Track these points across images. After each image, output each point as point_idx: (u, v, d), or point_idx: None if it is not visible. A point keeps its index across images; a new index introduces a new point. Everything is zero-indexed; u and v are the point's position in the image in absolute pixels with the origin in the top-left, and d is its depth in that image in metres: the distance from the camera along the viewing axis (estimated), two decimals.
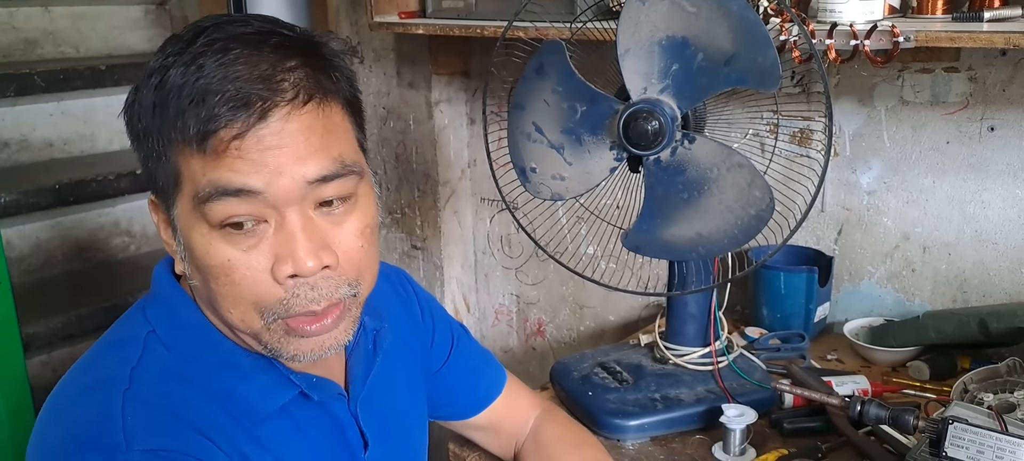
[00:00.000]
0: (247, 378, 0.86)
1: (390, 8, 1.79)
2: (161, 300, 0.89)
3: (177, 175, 0.78)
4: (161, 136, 0.78)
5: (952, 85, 1.50)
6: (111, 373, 0.82)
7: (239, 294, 0.80)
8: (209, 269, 0.79)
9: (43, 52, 2.46)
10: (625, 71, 1.24)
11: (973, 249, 1.54)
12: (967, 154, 1.51)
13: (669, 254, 1.33)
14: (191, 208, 0.78)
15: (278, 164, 0.76)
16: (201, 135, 0.74)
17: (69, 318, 1.99)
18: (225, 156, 0.75)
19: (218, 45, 0.76)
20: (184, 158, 0.77)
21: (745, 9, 1.18)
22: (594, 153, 1.29)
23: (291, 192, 0.77)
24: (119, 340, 0.87)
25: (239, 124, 0.75)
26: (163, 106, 0.76)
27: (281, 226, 0.78)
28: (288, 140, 0.76)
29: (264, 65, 0.76)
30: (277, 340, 0.82)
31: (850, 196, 1.64)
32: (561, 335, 2.15)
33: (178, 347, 0.85)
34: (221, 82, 0.74)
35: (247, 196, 0.76)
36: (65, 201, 2.11)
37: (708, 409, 1.32)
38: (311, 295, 0.80)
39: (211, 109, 0.74)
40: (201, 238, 0.79)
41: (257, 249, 0.78)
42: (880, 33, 1.26)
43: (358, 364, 0.98)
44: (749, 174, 1.23)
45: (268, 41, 0.77)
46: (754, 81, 1.20)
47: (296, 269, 0.78)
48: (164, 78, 0.76)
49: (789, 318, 1.60)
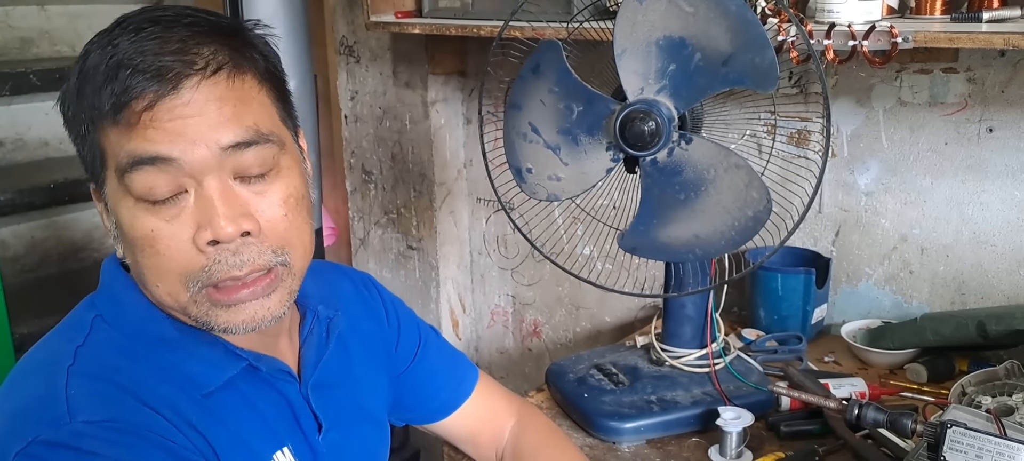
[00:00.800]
0: (192, 353, 0.87)
1: (386, 7, 1.79)
2: (107, 287, 0.91)
3: (101, 153, 0.81)
4: (84, 117, 0.81)
5: (950, 86, 1.49)
6: (56, 352, 0.84)
7: (163, 265, 0.81)
8: (134, 241, 0.82)
9: (39, 51, 2.45)
10: (622, 71, 1.23)
11: (971, 251, 1.53)
12: (965, 155, 1.50)
13: (666, 255, 1.32)
14: (117, 183, 0.81)
15: (193, 132, 0.79)
16: (115, 107, 0.77)
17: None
18: (139, 126, 0.78)
19: (132, 26, 0.79)
20: (104, 134, 0.80)
21: (743, 9, 1.18)
22: (590, 154, 1.29)
23: (206, 160, 0.79)
24: (66, 325, 0.90)
25: (151, 94, 0.77)
26: (82, 87, 0.80)
27: (200, 194, 0.80)
28: (199, 109, 0.79)
29: (175, 41, 0.79)
30: (205, 312, 0.83)
31: (848, 197, 1.63)
32: (557, 336, 2.14)
33: (122, 326, 0.87)
34: (132, 56, 0.77)
35: (163, 164, 0.78)
36: (60, 201, 2.10)
37: (704, 411, 1.31)
38: (233, 261, 0.81)
39: (123, 82, 0.77)
40: (126, 212, 0.81)
41: (179, 219, 0.80)
42: (878, 34, 1.26)
43: (310, 350, 1.00)
44: (746, 175, 1.22)
45: (181, 21, 0.80)
46: (752, 81, 1.19)
47: (215, 234, 0.80)
48: (85, 63, 0.80)
49: (786, 320, 1.59)
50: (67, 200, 2.12)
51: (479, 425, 1.22)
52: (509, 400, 1.25)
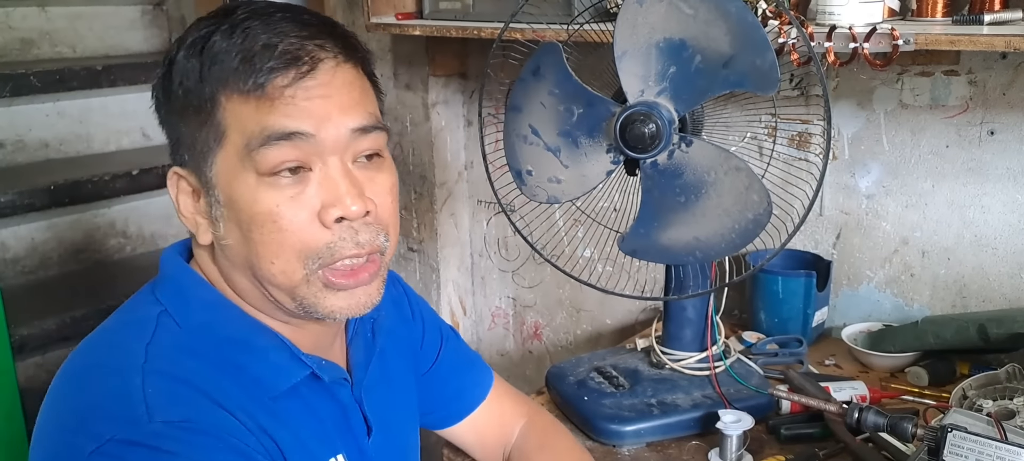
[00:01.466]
0: (260, 356, 0.88)
1: (387, 9, 1.79)
2: (171, 280, 0.90)
3: (223, 129, 0.82)
4: (208, 94, 0.82)
5: (952, 88, 1.49)
6: (126, 350, 0.84)
7: (284, 241, 0.83)
8: (254, 217, 0.82)
9: (39, 52, 2.45)
10: (622, 73, 1.23)
11: (972, 254, 1.53)
12: (967, 158, 1.50)
13: (666, 258, 1.32)
14: (238, 159, 0.82)
15: (326, 112, 0.82)
16: (257, 85, 0.80)
17: (64, 320, 1.98)
18: (279, 102, 0.81)
19: (260, 10, 0.83)
20: (233, 109, 0.82)
21: (743, 11, 1.17)
22: (591, 156, 1.28)
23: (337, 139, 0.83)
24: (130, 320, 0.89)
25: (293, 72, 0.81)
26: (211, 65, 0.82)
27: (325, 174, 0.83)
28: (334, 91, 0.83)
29: (307, 27, 0.84)
30: (314, 294, 0.85)
31: (849, 200, 1.63)
32: (558, 338, 2.14)
33: (190, 324, 0.87)
34: (270, 38, 0.81)
35: (298, 140, 0.81)
36: (61, 202, 2.10)
37: (705, 415, 1.31)
38: (356, 238, 0.84)
39: (265, 61, 0.81)
40: (247, 188, 0.82)
41: (303, 195, 0.82)
42: (879, 36, 1.25)
43: (359, 351, 1.01)
44: (747, 178, 1.22)
45: (301, 17, 0.85)
46: (752, 84, 1.19)
47: (343, 212, 0.83)
48: (207, 44, 0.82)
49: (787, 323, 1.59)
50: (67, 202, 2.11)
51: (490, 428, 1.22)
52: (517, 401, 1.25)
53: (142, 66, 2.41)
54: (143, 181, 2.23)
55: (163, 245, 2.42)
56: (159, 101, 0.88)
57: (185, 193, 0.87)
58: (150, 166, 2.24)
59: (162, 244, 2.41)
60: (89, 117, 2.39)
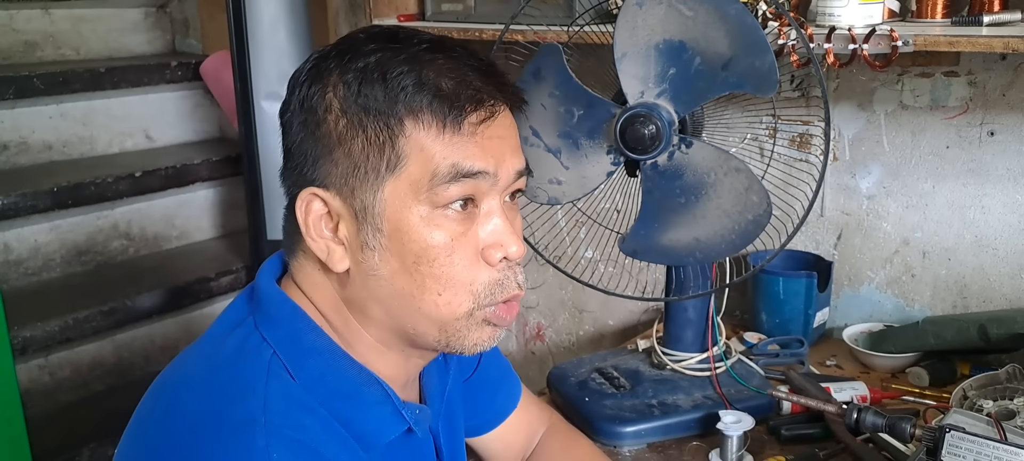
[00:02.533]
0: (366, 409, 0.86)
1: (389, 11, 1.79)
2: (281, 320, 0.86)
3: (402, 157, 0.82)
4: (395, 120, 0.81)
5: (952, 89, 1.49)
6: (243, 400, 0.80)
7: (454, 275, 0.83)
8: (427, 251, 0.82)
9: (43, 54, 2.46)
10: (622, 75, 1.23)
11: (973, 254, 1.53)
12: (967, 159, 1.50)
13: (667, 259, 1.32)
14: (411, 189, 0.82)
15: (502, 152, 0.85)
16: (455, 121, 0.82)
17: (66, 321, 1.99)
18: (468, 140, 0.82)
19: (438, 44, 0.85)
20: (419, 140, 0.81)
21: (743, 13, 1.18)
22: (591, 157, 1.29)
23: (507, 179, 0.86)
24: (238, 361, 0.84)
25: (484, 112, 0.83)
26: (400, 92, 0.81)
27: (489, 213, 0.85)
28: (508, 133, 0.87)
29: (483, 75, 0.85)
30: (470, 327, 0.86)
31: (849, 201, 1.63)
32: (560, 339, 2.14)
33: (303, 376, 0.83)
34: (461, 75, 0.83)
35: (480, 178, 0.83)
36: (63, 204, 2.11)
37: (705, 415, 1.31)
38: (517, 279, 0.87)
39: (461, 99, 0.82)
40: (419, 220, 0.82)
41: (470, 231, 0.84)
42: (879, 37, 1.26)
43: (432, 378, 0.99)
44: (746, 179, 1.22)
45: (474, 59, 0.86)
46: (752, 85, 1.19)
47: (507, 252, 0.85)
48: (389, 71, 0.81)
49: (788, 323, 1.59)
50: (70, 204, 2.12)
51: (517, 437, 1.20)
52: (541, 409, 1.24)
53: (145, 68, 2.42)
54: (146, 183, 2.24)
55: (166, 247, 2.44)
56: (311, 115, 0.84)
57: (317, 215, 0.84)
58: (153, 168, 2.25)
59: (165, 246, 2.42)
60: (92, 119, 2.40)
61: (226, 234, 2.54)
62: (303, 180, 0.85)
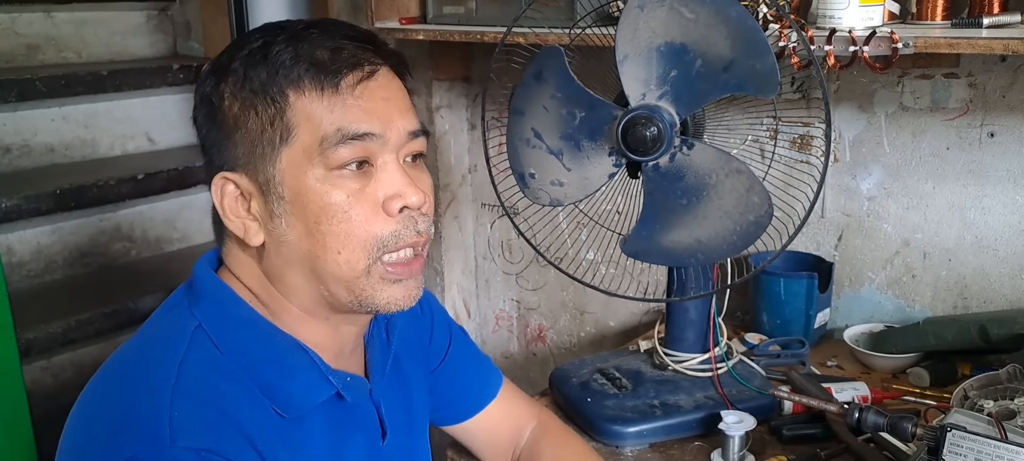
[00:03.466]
0: (291, 375, 0.91)
1: (391, 13, 1.80)
2: (208, 295, 0.92)
3: (291, 126, 0.87)
4: (277, 93, 0.87)
5: (952, 91, 1.49)
6: (158, 367, 0.86)
7: (353, 231, 0.88)
8: (324, 209, 0.87)
9: (45, 57, 2.46)
10: (624, 77, 1.24)
11: (973, 255, 1.54)
12: (967, 160, 1.51)
13: (668, 260, 1.33)
14: (305, 156, 0.87)
15: (389, 113, 0.89)
16: (332, 83, 0.87)
17: (69, 323, 1.99)
18: (349, 101, 0.87)
19: (316, 23, 0.91)
20: (304, 107, 0.87)
21: (744, 16, 1.18)
22: (593, 159, 1.29)
23: (398, 140, 0.90)
24: (164, 335, 0.91)
25: (360, 74, 0.88)
26: (279, 67, 0.87)
27: (385, 169, 0.89)
28: (392, 95, 0.91)
29: (360, 41, 0.90)
30: (373, 286, 0.90)
31: (850, 202, 1.64)
32: (562, 341, 2.15)
33: (225, 342, 0.89)
34: (336, 44, 0.88)
35: (368, 140, 0.88)
36: (66, 206, 2.11)
37: (707, 415, 1.32)
38: (417, 227, 0.91)
39: (336, 63, 0.87)
40: (316, 182, 0.87)
41: (368, 189, 0.89)
42: (879, 39, 1.26)
43: (375, 352, 1.04)
44: (748, 180, 1.22)
45: (352, 30, 0.92)
46: (752, 87, 1.20)
47: (407, 201, 0.89)
48: (270, 52, 0.87)
49: (789, 324, 1.59)
50: (73, 206, 2.12)
51: (500, 428, 1.23)
52: (529, 404, 1.27)
53: (147, 71, 2.43)
54: (148, 185, 2.24)
55: (168, 249, 2.44)
56: (210, 107, 0.91)
57: (231, 197, 0.91)
58: (155, 170, 2.25)
59: (167, 248, 2.42)
60: (94, 122, 2.40)
61: None
62: (213, 168, 0.92)
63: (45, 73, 2.21)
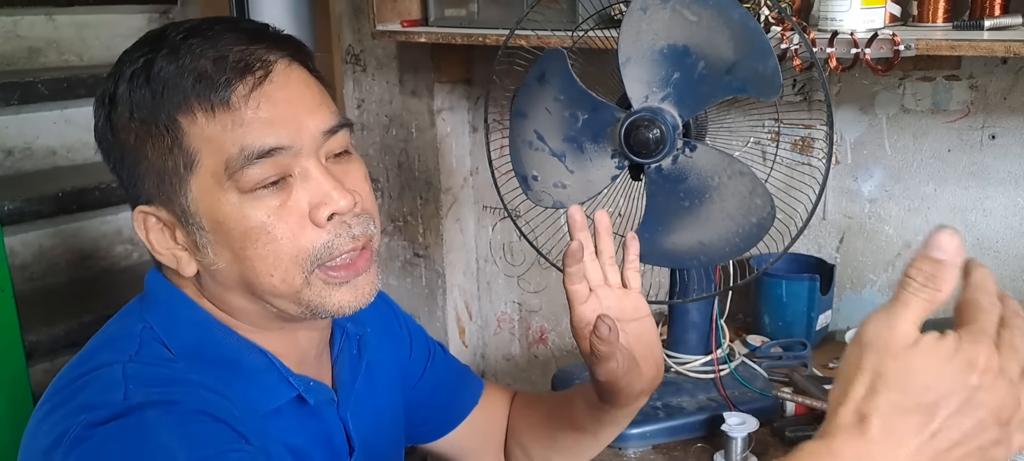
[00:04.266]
0: (247, 377, 0.87)
1: (393, 16, 1.80)
2: (157, 300, 0.89)
3: (192, 153, 0.80)
4: (166, 120, 0.79)
5: (953, 93, 1.50)
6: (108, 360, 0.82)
7: (281, 250, 0.82)
8: (247, 234, 0.81)
9: (47, 60, 2.47)
10: (626, 79, 1.24)
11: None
12: (968, 162, 1.51)
13: (671, 262, 1.33)
14: (215, 181, 0.80)
15: (294, 117, 0.81)
16: (221, 100, 0.79)
17: (71, 326, 2.00)
18: (247, 114, 0.79)
19: (195, 28, 0.81)
20: (199, 131, 0.80)
21: (746, 18, 1.19)
22: (596, 161, 1.30)
23: (311, 143, 0.82)
24: (113, 337, 0.87)
25: (251, 80, 0.80)
26: (164, 90, 0.79)
27: (306, 177, 0.82)
28: (295, 94, 0.82)
29: (246, 38, 0.82)
30: (318, 293, 0.85)
31: (852, 204, 1.64)
32: (564, 343, 2.15)
33: (177, 344, 0.85)
34: (218, 51, 0.80)
35: (277, 154, 0.80)
36: (68, 209, 2.11)
37: (710, 417, 1.32)
38: (351, 232, 0.84)
39: (220, 75, 0.79)
40: (232, 207, 0.81)
41: (289, 202, 0.82)
42: (881, 41, 1.26)
43: (344, 368, 0.99)
44: (750, 182, 1.23)
45: (237, 26, 0.84)
46: (755, 89, 1.20)
47: (334, 208, 0.82)
48: (152, 71, 0.79)
49: (791, 326, 1.60)
50: (74, 209, 2.13)
51: (484, 432, 1.22)
52: (506, 392, 1.25)
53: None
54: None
55: None
56: (108, 142, 0.84)
57: (156, 230, 0.85)
58: None
59: None
60: None
61: None
62: (132, 201, 0.86)
63: (47, 76, 2.22)
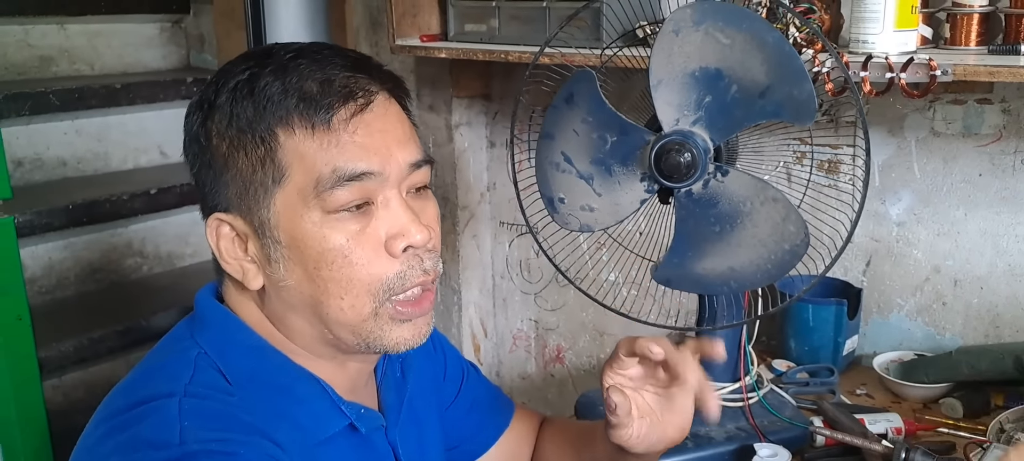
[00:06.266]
0: (301, 404, 0.87)
1: (412, 31, 1.78)
2: (211, 323, 0.89)
3: (283, 168, 0.82)
4: (265, 132, 0.82)
5: (985, 117, 1.47)
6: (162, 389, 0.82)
7: (355, 276, 0.83)
8: (323, 255, 0.83)
9: (58, 69, 2.45)
10: (657, 102, 1.21)
11: (1006, 283, 1.51)
12: (1000, 186, 1.48)
13: (700, 288, 1.30)
14: (300, 198, 0.82)
15: (386, 147, 0.84)
16: (323, 120, 0.81)
17: (81, 341, 1.97)
18: (343, 137, 0.82)
19: (304, 49, 0.85)
20: (295, 147, 0.82)
21: (780, 41, 1.16)
22: (624, 184, 1.27)
23: (399, 174, 0.85)
24: (166, 363, 0.87)
25: (353, 107, 0.82)
26: (267, 104, 0.82)
27: (387, 206, 0.84)
28: (390, 126, 0.85)
29: (352, 67, 0.85)
30: (381, 327, 0.86)
31: (879, 227, 1.61)
32: (581, 362, 2.12)
33: (232, 370, 0.86)
34: (325, 74, 0.83)
35: (366, 179, 0.82)
36: (78, 221, 2.09)
37: (740, 447, 1.29)
38: (423, 266, 0.86)
39: (325, 97, 0.81)
40: (313, 226, 0.82)
41: (369, 229, 0.84)
42: (917, 66, 1.24)
43: (390, 391, 1.00)
44: (784, 208, 1.20)
45: (343, 53, 0.86)
46: (789, 114, 1.18)
47: (410, 240, 0.84)
48: (258, 85, 0.82)
49: (817, 351, 1.57)
50: (85, 221, 2.10)
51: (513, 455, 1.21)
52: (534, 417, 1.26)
53: (160, 84, 2.41)
54: (161, 200, 2.23)
55: (180, 265, 2.42)
56: (198, 146, 0.86)
57: (227, 239, 0.87)
58: (168, 185, 2.24)
59: (179, 264, 2.40)
60: (107, 135, 2.39)
61: None
62: (207, 208, 0.88)
63: (58, 86, 2.20)
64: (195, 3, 2.66)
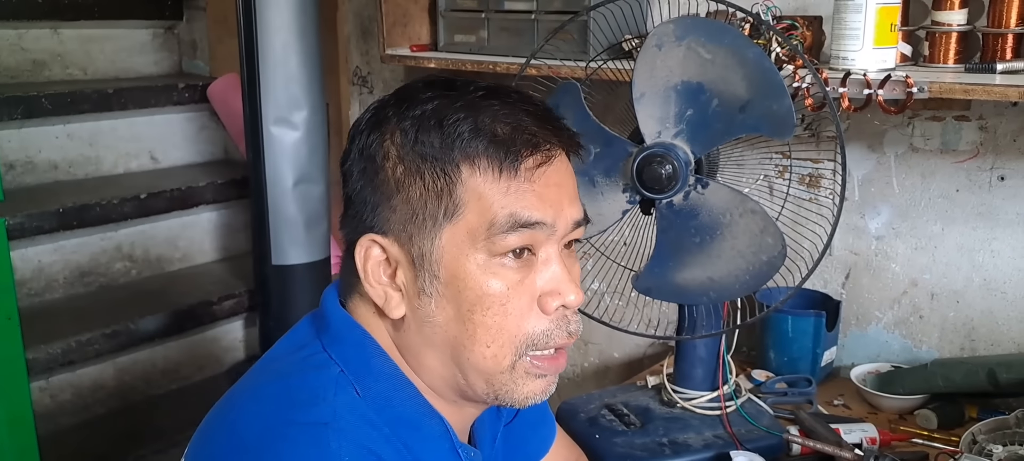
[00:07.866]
0: (426, 441, 0.85)
1: (402, 41, 1.80)
2: (346, 340, 0.87)
3: (460, 204, 0.81)
4: (449, 166, 0.81)
5: (962, 133, 1.50)
6: (315, 409, 0.81)
7: (505, 326, 0.82)
8: (482, 299, 0.82)
9: (51, 74, 2.46)
10: (640, 115, 1.24)
11: (982, 297, 1.54)
12: (977, 202, 1.51)
13: (680, 298, 1.33)
14: (469, 237, 0.81)
15: (559, 201, 0.83)
16: (512, 166, 0.81)
17: (69, 344, 1.98)
18: (524, 186, 0.81)
19: (493, 93, 0.83)
20: (477, 187, 0.81)
21: (760, 57, 1.19)
22: (607, 195, 1.29)
23: (565, 228, 0.84)
24: (307, 382, 0.84)
25: (540, 157, 0.82)
26: (454, 140, 0.81)
27: (547, 262, 0.84)
28: (565, 180, 0.85)
29: (541, 118, 0.84)
30: (515, 380, 0.84)
31: (858, 241, 1.64)
32: (565, 371, 2.13)
33: (369, 394, 0.83)
34: (516, 120, 0.82)
35: (537, 229, 0.82)
36: (68, 225, 2.10)
37: (716, 455, 1.31)
38: (569, 327, 0.85)
39: (515, 143, 0.81)
40: (476, 267, 0.81)
41: (527, 280, 0.83)
42: (894, 83, 1.27)
43: (485, 426, 0.98)
44: (762, 220, 1.23)
45: (532, 102, 0.85)
46: (768, 128, 1.21)
47: (565, 301, 0.83)
48: (446, 117, 0.81)
49: (796, 361, 1.59)
50: (75, 225, 2.11)
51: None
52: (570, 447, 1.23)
53: (152, 90, 2.43)
54: (151, 205, 2.24)
55: (169, 270, 2.43)
56: (370, 163, 0.84)
57: (375, 261, 0.85)
58: (158, 190, 2.25)
59: (168, 269, 2.41)
60: (98, 139, 2.40)
61: (229, 257, 2.54)
62: (363, 226, 0.85)
63: (51, 90, 2.21)
64: (188, 10, 2.68)
